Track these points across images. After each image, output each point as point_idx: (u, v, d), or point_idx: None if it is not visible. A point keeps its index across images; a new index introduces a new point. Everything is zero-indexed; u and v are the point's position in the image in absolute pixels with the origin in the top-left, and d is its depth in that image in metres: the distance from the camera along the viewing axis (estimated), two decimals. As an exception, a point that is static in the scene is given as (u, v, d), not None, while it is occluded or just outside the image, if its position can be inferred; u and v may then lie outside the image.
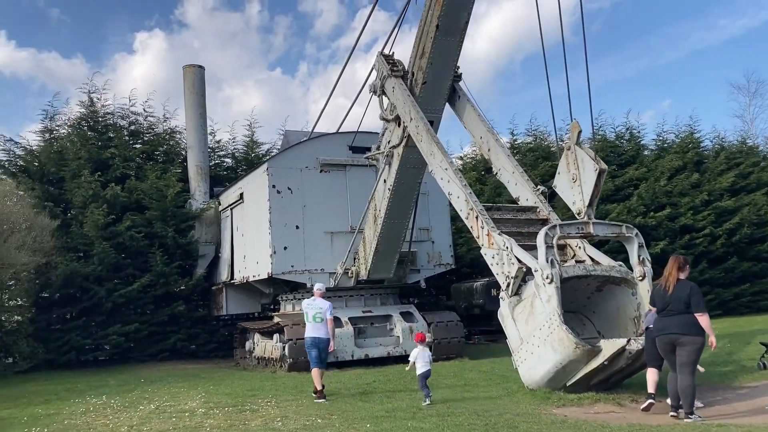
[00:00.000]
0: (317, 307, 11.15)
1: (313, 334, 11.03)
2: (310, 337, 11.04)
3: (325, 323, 11.07)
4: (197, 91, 21.95)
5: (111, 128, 22.22)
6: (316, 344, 10.97)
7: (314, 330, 11.04)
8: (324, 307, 11.15)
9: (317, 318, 11.06)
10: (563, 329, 9.49)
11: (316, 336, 11.00)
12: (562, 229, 10.28)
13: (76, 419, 9.74)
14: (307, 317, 11.14)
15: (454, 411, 8.62)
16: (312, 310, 11.14)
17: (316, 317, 11.07)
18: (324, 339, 11.00)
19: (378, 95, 15.24)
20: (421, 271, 18.18)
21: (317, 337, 10.99)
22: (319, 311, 11.09)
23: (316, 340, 10.99)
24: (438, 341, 16.72)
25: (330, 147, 17.54)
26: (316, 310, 11.12)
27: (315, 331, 11.04)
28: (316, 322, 11.05)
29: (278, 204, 16.72)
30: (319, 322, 11.04)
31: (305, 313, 11.24)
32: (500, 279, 10.98)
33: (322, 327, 11.04)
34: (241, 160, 24.64)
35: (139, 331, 19.72)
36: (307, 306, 11.26)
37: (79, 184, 19.79)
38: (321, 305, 11.18)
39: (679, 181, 26.82)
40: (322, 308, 11.12)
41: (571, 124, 10.72)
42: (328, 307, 11.17)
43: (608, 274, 10.59)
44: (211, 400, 10.85)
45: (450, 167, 12.56)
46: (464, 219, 12.06)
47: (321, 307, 11.14)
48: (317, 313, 11.08)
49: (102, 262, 19.25)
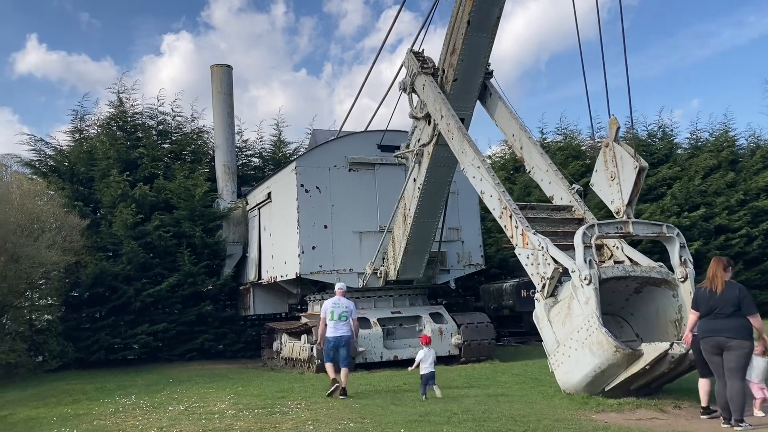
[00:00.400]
0: (343, 306, 11.30)
1: (336, 333, 11.13)
2: (332, 336, 11.13)
3: (349, 322, 11.23)
4: (225, 90, 21.92)
5: (139, 128, 22.30)
6: (337, 343, 11.09)
7: (337, 329, 11.14)
8: (350, 306, 11.36)
9: (343, 317, 11.18)
10: (602, 332, 9.16)
11: (339, 335, 11.12)
12: (600, 228, 9.94)
13: (105, 420, 9.64)
14: (333, 316, 11.19)
15: (490, 416, 8.34)
16: (338, 309, 11.24)
17: (342, 316, 11.18)
18: (345, 336, 11.13)
19: (408, 93, 15.01)
20: (450, 272, 17.92)
21: (341, 336, 11.11)
22: (345, 310, 11.24)
23: (338, 339, 11.10)
24: (468, 343, 16.44)
25: (358, 146, 17.35)
26: (342, 309, 11.25)
27: (337, 329, 11.14)
28: (341, 321, 11.16)
29: (306, 203, 16.57)
30: (344, 321, 11.17)
31: (330, 312, 11.28)
32: (535, 280, 10.68)
33: (345, 326, 11.18)
34: (269, 160, 24.59)
35: (167, 331, 19.73)
36: (333, 305, 11.31)
37: (108, 183, 19.86)
38: (347, 304, 11.36)
39: (714, 181, 26.21)
40: (348, 308, 11.31)
41: (609, 121, 10.38)
42: (353, 307, 11.40)
43: (648, 275, 10.23)
44: (240, 401, 10.70)
45: (482, 165, 12.28)
46: (497, 218, 11.77)
47: (347, 306, 11.33)
48: (343, 312, 11.22)
49: (131, 261, 19.29)
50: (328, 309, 11.32)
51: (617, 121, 10.30)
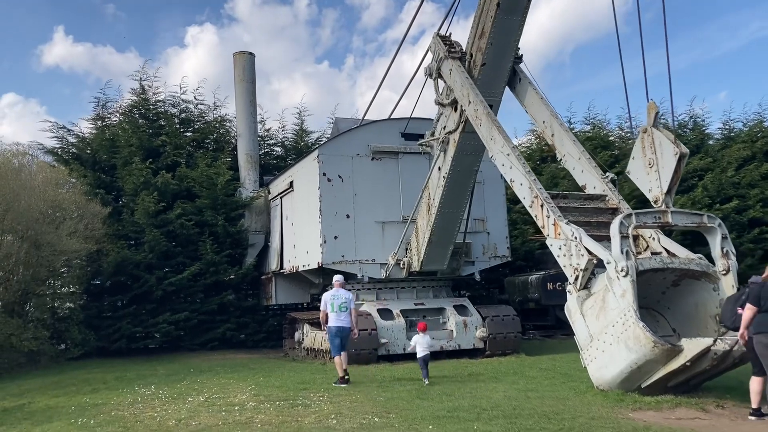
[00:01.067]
0: (342, 297, 11.77)
1: (338, 324, 11.58)
2: (335, 326, 11.58)
3: (349, 313, 11.70)
4: (247, 78, 21.65)
5: (162, 116, 22.14)
6: (340, 333, 11.56)
7: (338, 320, 11.61)
8: (349, 297, 11.86)
9: (342, 308, 11.66)
10: (640, 326, 8.73)
11: (340, 325, 11.58)
12: (638, 218, 9.49)
13: (123, 410, 9.43)
14: (332, 307, 11.66)
15: (521, 413, 7.97)
16: (337, 300, 11.71)
17: (342, 307, 11.66)
18: (347, 328, 11.63)
19: (434, 78, 14.59)
20: (475, 263, 17.49)
21: (342, 327, 11.57)
22: (344, 302, 11.72)
23: (341, 329, 11.56)
24: (493, 336, 16.05)
25: (382, 134, 16.98)
26: (341, 300, 11.73)
27: (339, 320, 11.61)
28: (341, 312, 11.63)
29: (329, 192, 16.25)
30: (344, 312, 11.65)
31: (330, 304, 11.71)
32: (568, 271, 10.27)
33: (345, 317, 11.66)
34: (291, 149, 24.32)
35: (188, 320, 19.59)
36: (332, 297, 11.76)
37: (130, 171, 19.71)
38: (345, 296, 11.84)
39: (748, 172, 25.41)
40: (347, 299, 11.80)
41: (648, 105, 9.88)
42: (351, 298, 11.92)
43: (687, 267, 9.76)
44: (261, 392, 10.43)
45: (512, 152, 11.85)
46: (528, 207, 11.36)
47: (346, 297, 11.81)
48: (343, 303, 11.69)
49: (152, 249, 19.14)
50: (328, 301, 11.74)
51: (656, 105, 9.81)
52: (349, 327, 11.66)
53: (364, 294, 16.82)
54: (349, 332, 11.70)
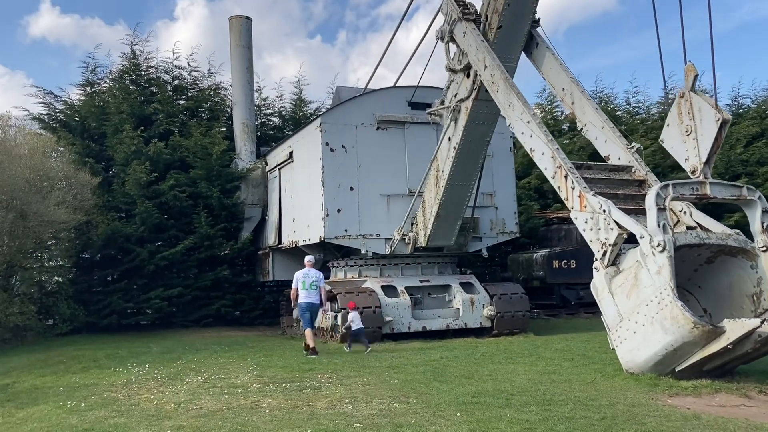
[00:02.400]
0: (313, 276, 12.75)
1: (308, 300, 12.59)
2: (305, 302, 12.58)
3: (319, 290, 12.71)
4: (244, 43, 20.68)
5: (154, 83, 21.16)
6: (310, 308, 12.61)
7: (308, 296, 12.61)
8: (318, 276, 12.83)
9: (313, 286, 12.65)
10: (678, 306, 8.06)
11: (310, 301, 12.60)
12: (675, 189, 8.79)
13: (116, 392, 8.70)
14: (304, 285, 12.62)
15: (553, 398, 7.30)
16: (308, 279, 12.68)
17: (312, 285, 12.64)
18: (316, 304, 12.72)
19: (445, 42, 13.77)
20: (483, 239, 16.79)
21: (311, 303, 12.61)
22: (315, 280, 12.71)
23: (310, 305, 12.61)
24: (501, 315, 15.46)
25: (387, 102, 16.16)
26: (312, 279, 12.70)
27: (309, 297, 12.61)
28: (311, 290, 12.63)
29: (332, 163, 15.46)
30: (314, 290, 12.65)
31: (302, 282, 12.67)
32: (594, 246, 9.57)
33: (315, 294, 12.67)
34: (288, 119, 23.41)
35: (182, 296, 18.83)
36: (303, 276, 12.73)
37: (121, 139, 18.78)
38: (315, 275, 12.82)
39: (757, 149, 24.80)
40: (317, 277, 12.78)
41: (686, 68, 9.12)
42: (321, 277, 12.89)
43: (724, 243, 9.08)
44: (264, 373, 9.72)
45: (533, 120, 11.10)
46: (550, 178, 10.64)
47: (316, 276, 12.79)
48: (313, 282, 12.67)
49: (144, 222, 18.31)
50: (300, 279, 12.71)
51: (695, 68, 9.04)
52: (318, 303, 12.73)
53: (367, 270, 16.14)
54: (318, 308, 12.86)
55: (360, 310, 14.11)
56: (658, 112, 27.10)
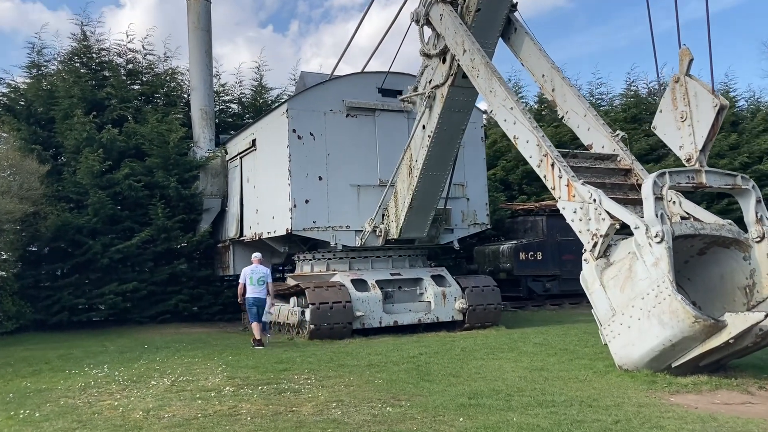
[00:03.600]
0: (260, 272, 13.21)
1: (255, 295, 13.05)
2: (252, 297, 13.03)
3: (266, 286, 13.15)
4: (202, 26, 19.71)
5: (106, 66, 20.00)
6: (257, 303, 13.05)
7: (256, 291, 13.05)
8: (266, 272, 13.30)
9: (260, 282, 13.10)
10: (678, 299, 7.72)
11: (257, 296, 13.06)
12: (671, 177, 8.45)
13: (74, 398, 7.91)
14: (251, 281, 13.06)
15: (555, 399, 6.87)
16: (255, 275, 13.14)
17: (260, 281, 13.10)
18: (263, 299, 13.10)
19: (420, 25, 13.22)
20: (454, 231, 16.36)
21: (258, 297, 13.06)
22: (262, 275, 13.18)
23: (257, 300, 13.05)
24: (473, 308, 15.07)
25: (357, 89, 15.54)
26: (259, 275, 13.16)
27: (256, 292, 13.06)
28: (258, 285, 13.07)
29: (299, 151, 14.77)
30: (261, 285, 13.09)
31: (249, 278, 13.11)
32: (584, 237, 9.18)
33: (262, 290, 13.09)
34: (249, 106, 22.50)
35: (137, 291, 17.87)
36: (251, 272, 13.20)
37: (72, 125, 17.64)
38: (263, 270, 13.28)
39: (717, 142, 24.97)
40: (265, 273, 13.25)
41: (680, 51, 8.78)
42: (268, 273, 13.36)
43: (718, 233, 8.81)
44: (235, 374, 9.05)
45: (516, 106, 10.65)
46: (535, 167, 10.20)
47: (263, 272, 13.25)
48: (260, 278, 13.13)
49: (97, 213, 17.25)
50: (248, 275, 13.17)
51: (690, 52, 8.71)
52: (265, 298, 13.13)
53: (335, 263, 15.53)
54: (264, 302, 13.13)
55: (317, 306, 13.61)
56: (620, 104, 27.16)
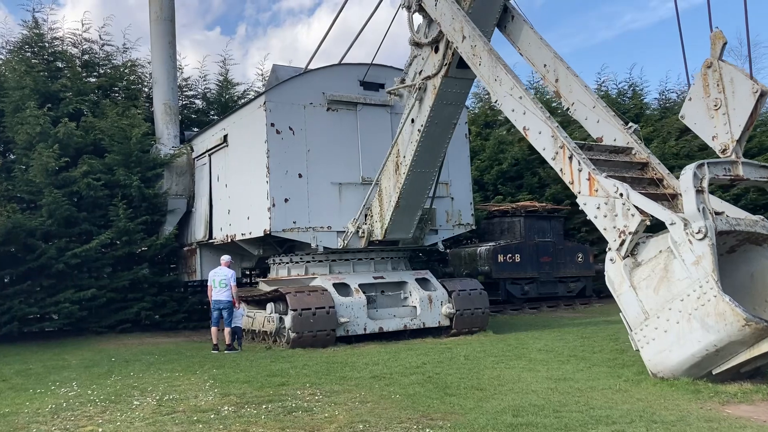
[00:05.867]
0: (222, 274, 13.05)
1: (216, 297, 12.95)
2: (214, 299, 12.95)
3: (229, 288, 12.96)
4: (166, 15, 18.46)
5: (60, 56, 18.55)
6: (218, 306, 12.93)
7: (218, 294, 12.95)
8: (228, 274, 13.06)
9: (222, 284, 12.94)
10: (725, 300, 7.11)
11: (218, 299, 12.92)
12: (709, 169, 7.84)
13: (47, 423, 6.77)
14: (214, 283, 12.98)
15: (610, 414, 6.11)
16: (218, 276, 13.03)
17: (222, 283, 12.94)
18: (225, 301, 12.91)
19: (411, 12, 12.44)
20: (439, 232, 15.58)
21: (220, 300, 12.91)
22: (224, 278, 12.99)
23: (217, 302, 12.92)
24: (460, 312, 14.33)
25: (338, 81, 14.62)
26: (221, 276, 13.01)
27: (219, 295, 12.95)
28: (221, 288, 12.93)
29: (278, 147, 13.78)
30: (224, 287, 12.94)
31: (213, 280, 13.03)
32: (610, 235, 8.51)
33: (225, 291, 12.94)
34: (214, 102, 21.29)
35: (95, 298, 16.46)
36: (214, 274, 13.14)
37: (24, 118, 16.16)
38: (226, 273, 13.08)
39: (686, 143, 25.00)
40: (226, 275, 13.02)
41: (713, 34, 8.20)
42: (232, 275, 13.11)
43: (753, 230, 8.24)
44: (228, 390, 8.04)
45: (525, 95, 9.94)
46: (550, 160, 9.50)
47: (225, 274, 13.04)
48: (222, 280, 12.96)
49: (52, 214, 15.81)
50: (212, 278, 13.10)
51: (723, 35, 8.13)
52: (227, 300, 12.90)
53: (314, 267, 14.59)
54: (227, 305, 12.88)
55: (299, 313, 12.71)
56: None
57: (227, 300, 12.89)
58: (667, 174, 9.71)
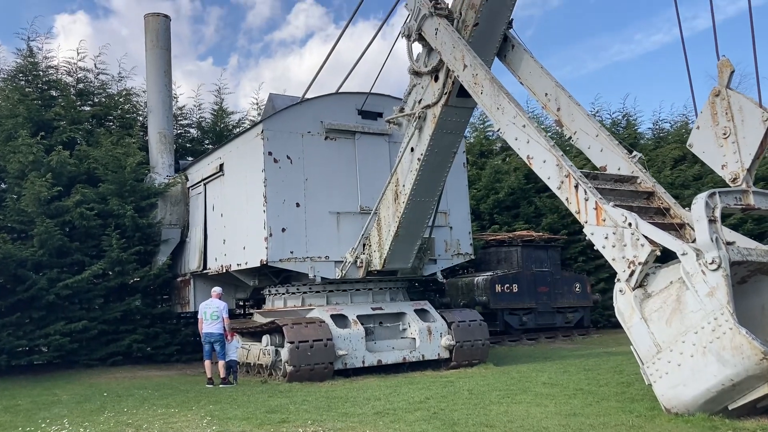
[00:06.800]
0: (214, 306, 12.90)
1: (207, 330, 12.78)
2: (205, 332, 12.78)
3: (221, 320, 12.81)
4: (162, 44, 18.42)
5: (55, 85, 18.41)
6: (209, 339, 12.75)
7: (209, 326, 12.79)
8: (220, 306, 12.91)
9: (214, 316, 12.80)
10: (742, 333, 6.90)
11: (210, 332, 12.76)
12: (721, 198, 7.70)
13: (37, 465, 6.45)
14: (205, 315, 12.83)
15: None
16: (209, 309, 12.88)
17: (213, 315, 12.80)
18: (216, 334, 12.75)
19: (411, 41, 12.38)
20: (438, 262, 15.37)
21: (211, 332, 12.76)
22: (216, 310, 12.84)
23: (209, 335, 12.76)
24: (460, 344, 14.08)
25: (336, 110, 14.53)
26: (213, 309, 12.87)
27: (210, 327, 12.78)
28: (213, 320, 12.78)
29: (275, 176, 13.61)
30: (215, 320, 12.79)
31: (204, 312, 12.87)
32: (619, 265, 8.31)
33: (217, 324, 12.78)
34: (209, 131, 21.15)
35: (86, 330, 16.10)
36: (205, 306, 12.98)
37: (16, 147, 15.94)
38: (218, 305, 12.93)
39: (681, 172, 25.04)
40: (218, 308, 12.88)
41: (720, 63, 8.14)
42: (224, 307, 12.95)
43: (764, 260, 8.08)
44: (228, 428, 7.74)
45: (529, 123, 9.82)
46: (555, 189, 9.34)
47: (217, 307, 12.90)
48: (214, 312, 12.82)
49: (43, 244, 15.52)
50: (203, 310, 12.95)
51: (730, 63, 8.07)
52: (218, 333, 12.74)
53: (311, 298, 14.33)
54: (219, 338, 12.73)
55: (296, 345, 12.42)
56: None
57: (219, 333, 12.73)
58: (674, 203, 9.57)
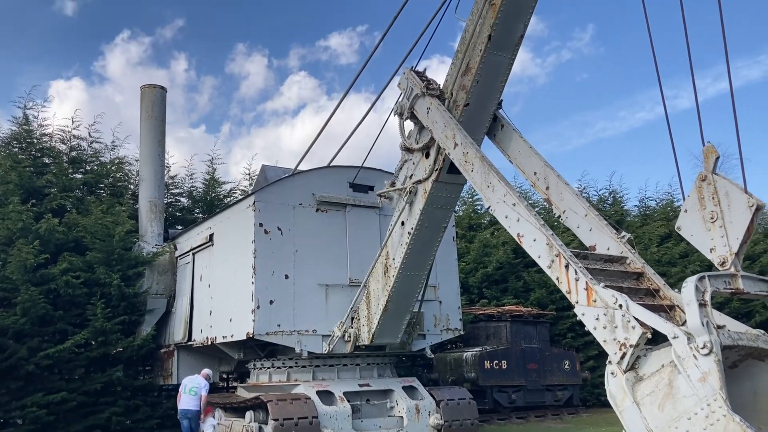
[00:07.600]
0: (195, 382, 13.00)
1: (183, 406, 12.81)
2: (181, 408, 12.81)
3: (199, 397, 12.80)
4: (157, 115, 18.67)
5: (48, 152, 18.53)
6: (185, 415, 12.73)
7: (186, 403, 12.80)
8: (201, 384, 13.00)
9: (192, 392, 12.82)
10: (736, 420, 6.80)
11: (186, 408, 12.76)
12: (711, 281, 7.73)
13: None
14: (185, 389, 12.90)
15: None
16: (190, 383, 12.99)
17: (192, 391, 12.84)
18: (193, 410, 12.74)
19: (403, 119, 12.62)
20: (426, 337, 15.22)
21: (187, 409, 12.74)
22: (196, 386, 12.92)
23: (184, 411, 12.75)
24: (449, 424, 13.80)
25: (328, 182, 14.67)
26: (194, 384, 12.97)
27: (187, 403, 12.79)
28: (191, 395, 12.79)
29: (265, 247, 13.58)
30: (193, 396, 12.79)
31: (184, 386, 13.01)
32: (610, 347, 8.23)
33: (193, 400, 12.76)
34: (200, 200, 21.23)
35: (65, 402, 15.66)
36: (188, 380, 13.11)
37: (5, 214, 15.90)
38: (199, 382, 13.03)
39: (668, 249, 25.24)
40: (199, 384, 12.96)
41: (706, 148, 8.32)
42: (205, 386, 13.00)
43: (755, 345, 8.05)
44: None
45: (519, 202, 9.91)
46: (545, 268, 9.34)
47: (199, 383, 12.99)
48: (193, 388, 12.88)
49: (26, 312, 15.26)
50: (184, 383, 13.09)
51: (715, 149, 8.26)
52: (194, 410, 12.73)
53: (297, 373, 14.09)
54: (195, 414, 12.73)
55: (281, 423, 12.12)
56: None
57: (195, 409, 12.77)
58: (663, 284, 9.59)
